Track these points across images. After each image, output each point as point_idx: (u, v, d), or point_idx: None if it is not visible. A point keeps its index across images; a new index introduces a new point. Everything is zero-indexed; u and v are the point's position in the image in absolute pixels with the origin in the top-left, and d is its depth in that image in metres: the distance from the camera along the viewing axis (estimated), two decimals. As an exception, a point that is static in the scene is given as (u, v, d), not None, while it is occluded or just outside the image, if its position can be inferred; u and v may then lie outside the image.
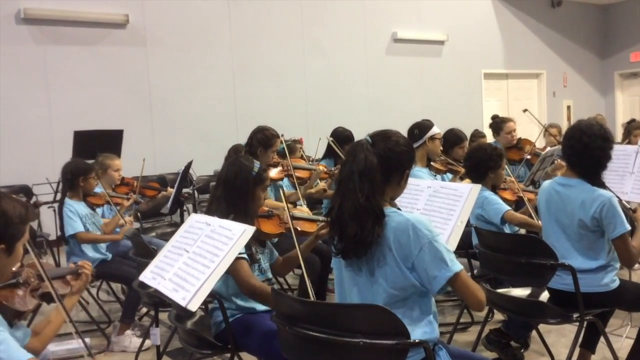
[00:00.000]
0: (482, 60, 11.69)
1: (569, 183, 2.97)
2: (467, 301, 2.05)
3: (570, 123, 11.58)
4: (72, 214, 4.09)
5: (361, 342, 1.84)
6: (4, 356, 1.67)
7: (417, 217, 2.02)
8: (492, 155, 3.74)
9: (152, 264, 2.51)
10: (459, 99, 11.14)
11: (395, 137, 2.13)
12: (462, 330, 3.94)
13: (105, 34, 7.95)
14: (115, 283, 4.80)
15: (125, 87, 8.06)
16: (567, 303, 2.87)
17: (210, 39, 8.70)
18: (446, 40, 11.11)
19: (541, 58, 12.63)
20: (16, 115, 7.35)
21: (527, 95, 12.76)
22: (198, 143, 8.24)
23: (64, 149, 6.11)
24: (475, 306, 2.06)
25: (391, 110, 9.91)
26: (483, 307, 2.06)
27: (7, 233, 1.78)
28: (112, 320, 4.45)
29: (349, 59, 10.00)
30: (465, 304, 2.92)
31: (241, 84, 8.93)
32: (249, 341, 2.62)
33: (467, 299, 2.03)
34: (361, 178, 2.00)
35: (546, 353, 3.43)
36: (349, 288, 2.10)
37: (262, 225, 2.94)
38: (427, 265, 1.95)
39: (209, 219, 2.50)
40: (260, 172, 2.80)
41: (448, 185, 2.88)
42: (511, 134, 5.43)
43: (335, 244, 2.07)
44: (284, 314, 2.05)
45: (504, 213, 3.64)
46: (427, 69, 10.91)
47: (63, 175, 4.25)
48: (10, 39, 7.31)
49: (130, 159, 5.90)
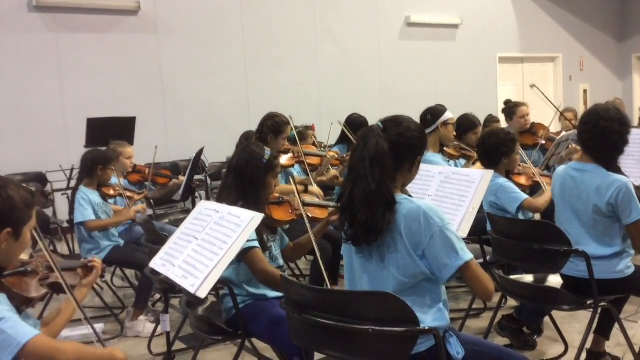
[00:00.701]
0: (497, 44, 11.53)
1: (584, 168, 2.92)
2: (476, 291, 2.05)
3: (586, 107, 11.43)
4: (84, 202, 4.11)
5: (370, 329, 1.82)
6: (12, 332, 1.70)
7: (428, 204, 2.00)
8: (505, 140, 3.66)
9: (162, 251, 2.52)
10: (473, 83, 11.02)
11: (407, 122, 2.10)
12: (475, 317, 3.92)
13: (117, 21, 7.96)
14: (129, 269, 4.84)
15: (137, 74, 8.06)
16: (581, 289, 2.84)
17: (222, 26, 8.66)
18: (460, 24, 10.97)
19: (557, 41, 12.44)
20: (30, 103, 7.39)
21: (543, 79, 12.58)
22: (210, 130, 8.24)
23: (78, 137, 6.15)
24: (484, 296, 2.06)
25: (404, 96, 9.82)
26: (491, 297, 2.06)
27: (13, 217, 1.81)
28: (125, 306, 4.49)
29: (362, 44, 9.92)
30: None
31: (253, 70, 8.90)
32: (259, 327, 2.62)
33: (475, 289, 2.02)
34: (372, 164, 1.98)
35: (559, 339, 3.40)
36: (359, 275, 2.09)
37: (273, 212, 2.93)
38: (437, 254, 1.93)
39: (218, 206, 2.50)
40: (271, 159, 2.80)
41: (460, 171, 2.85)
42: (524, 119, 5.35)
43: (345, 231, 2.06)
44: (293, 301, 2.05)
45: (523, 202, 3.52)
46: (441, 54, 10.79)
47: (83, 162, 4.27)
48: (23, 27, 7.34)
49: (143, 146, 5.91)
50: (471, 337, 2.17)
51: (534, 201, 3.60)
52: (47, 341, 1.79)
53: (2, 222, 1.79)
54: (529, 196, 3.73)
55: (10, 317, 1.73)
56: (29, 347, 1.71)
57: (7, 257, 1.87)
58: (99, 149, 4.53)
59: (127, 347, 3.87)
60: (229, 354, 3.49)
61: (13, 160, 6.95)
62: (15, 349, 1.69)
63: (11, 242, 1.82)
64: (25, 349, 1.70)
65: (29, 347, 1.71)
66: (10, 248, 1.83)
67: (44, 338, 1.79)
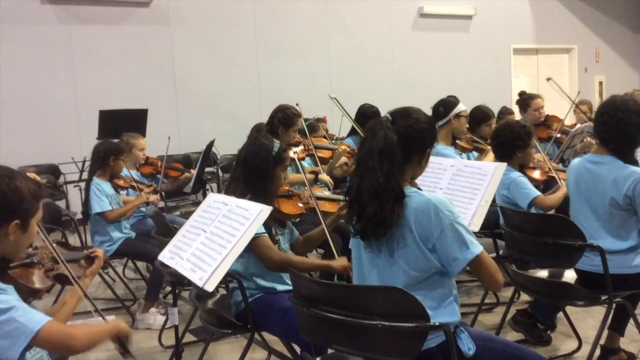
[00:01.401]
0: (511, 35, 11.41)
1: (600, 160, 2.87)
2: (486, 282, 2.03)
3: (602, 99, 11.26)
4: (100, 193, 4.13)
5: (379, 324, 1.80)
6: (24, 320, 1.69)
7: (438, 197, 1.97)
8: (520, 133, 3.57)
9: (170, 244, 2.51)
10: (487, 75, 10.91)
11: (416, 114, 2.06)
12: (487, 311, 3.89)
13: (129, 13, 7.96)
14: (140, 261, 4.85)
15: (149, 66, 8.07)
16: (596, 284, 2.79)
17: (233, 18, 8.64)
18: (474, 15, 10.85)
19: (572, 32, 12.28)
20: (43, 96, 7.43)
21: (558, 70, 12.44)
22: (222, 122, 8.23)
23: (90, 129, 6.16)
24: (493, 287, 2.06)
25: (417, 88, 9.74)
26: (500, 288, 2.05)
27: (21, 209, 1.80)
28: (137, 298, 4.50)
29: (374, 36, 9.85)
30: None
31: (265, 62, 8.87)
32: (268, 321, 2.61)
33: (485, 281, 2.01)
34: (381, 157, 1.94)
35: (573, 335, 3.36)
36: (368, 269, 2.06)
37: (282, 206, 2.91)
38: (448, 247, 1.91)
39: (227, 198, 2.48)
40: (280, 152, 2.76)
41: (472, 164, 2.81)
42: (538, 111, 5.28)
43: (354, 225, 2.03)
44: (301, 295, 2.03)
45: (534, 199, 3.45)
46: (455, 45, 10.69)
47: (95, 153, 4.28)
48: (35, 19, 7.36)
49: (155, 139, 5.92)
50: (482, 333, 2.14)
51: (545, 199, 3.50)
52: (59, 327, 1.79)
53: (10, 214, 1.78)
54: (542, 191, 3.66)
55: (21, 305, 1.72)
56: (42, 334, 1.70)
57: (14, 249, 1.87)
58: (110, 141, 4.54)
59: (138, 339, 3.87)
60: (239, 347, 3.49)
61: (26, 152, 6.99)
62: (29, 336, 1.68)
63: (19, 234, 1.82)
64: (38, 336, 1.70)
65: (41, 334, 1.70)
66: (17, 240, 1.83)
67: (55, 324, 1.79)
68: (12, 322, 1.67)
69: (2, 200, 1.76)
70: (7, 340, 1.67)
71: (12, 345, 1.67)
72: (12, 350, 1.67)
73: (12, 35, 7.23)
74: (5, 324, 1.67)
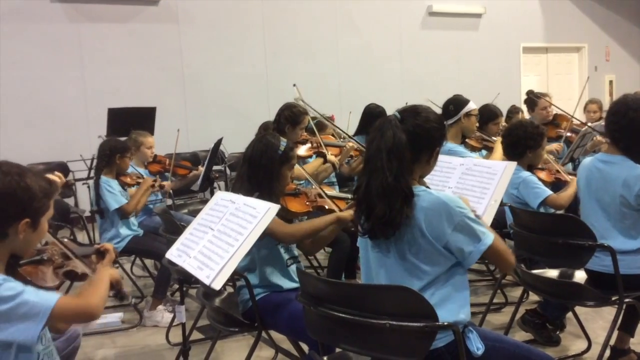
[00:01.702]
0: (521, 34, 11.34)
1: (611, 160, 2.85)
2: (500, 266, 2.18)
3: (612, 98, 11.21)
4: (112, 189, 4.14)
5: (387, 323, 1.78)
6: (36, 299, 1.69)
7: (447, 195, 1.96)
8: (532, 133, 3.54)
9: (178, 242, 2.50)
10: (496, 74, 10.85)
11: (425, 112, 2.04)
12: (496, 311, 3.86)
13: (137, 11, 7.97)
14: (148, 259, 4.86)
15: (158, 64, 8.08)
16: (606, 285, 2.77)
17: (242, 16, 8.64)
18: (484, 13, 10.80)
19: (583, 31, 12.20)
20: (52, 93, 7.46)
21: (567, 69, 12.38)
22: (230, 120, 8.24)
23: (99, 126, 6.16)
24: (508, 268, 2.20)
25: (426, 87, 9.67)
26: (513, 267, 2.19)
27: (31, 207, 1.79)
28: (144, 295, 4.51)
29: (383, 34, 9.82)
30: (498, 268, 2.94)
31: (273, 61, 8.86)
32: (276, 319, 2.60)
33: (499, 265, 2.16)
34: (389, 156, 1.93)
35: (583, 335, 3.33)
36: (375, 269, 2.04)
37: (289, 204, 2.89)
38: (461, 243, 1.90)
39: (234, 196, 2.47)
40: (286, 150, 2.74)
41: (482, 163, 2.78)
42: (546, 110, 5.24)
43: (362, 224, 2.01)
44: (309, 294, 2.02)
45: (546, 198, 3.41)
46: (464, 44, 10.64)
47: (101, 151, 4.29)
48: (44, 17, 7.39)
49: (163, 136, 5.92)
50: (491, 333, 2.12)
51: (557, 197, 3.46)
52: (71, 299, 1.80)
53: (20, 212, 1.78)
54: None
55: (29, 288, 1.73)
56: (58, 308, 1.71)
57: (24, 247, 1.87)
58: (116, 138, 4.54)
59: (145, 336, 3.89)
60: (246, 345, 3.48)
61: (35, 150, 7.02)
62: (46, 313, 1.68)
63: (29, 232, 1.81)
64: (55, 311, 1.70)
65: (57, 309, 1.71)
66: (27, 238, 1.82)
67: (68, 297, 1.80)
68: (25, 304, 1.68)
69: (12, 198, 1.75)
70: (25, 322, 1.67)
71: (31, 326, 1.67)
72: (32, 330, 1.67)
73: (22, 33, 7.26)
74: (19, 307, 1.67)
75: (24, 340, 1.69)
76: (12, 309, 1.66)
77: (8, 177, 1.76)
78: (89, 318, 1.84)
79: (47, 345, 1.90)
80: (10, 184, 1.75)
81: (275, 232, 2.56)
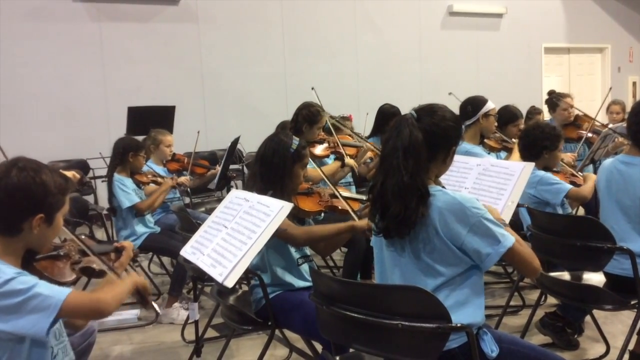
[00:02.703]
0: (542, 34, 11.21)
1: (632, 161, 2.81)
2: (523, 271, 2.04)
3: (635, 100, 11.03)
4: (125, 187, 4.18)
5: (400, 324, 1.77)
6: (48, 292, 1.71)
7: (463, 195, 1.94)
8: (549, 135, 3.51)
9: (192, 239, 2.51)
10: (517, 75, 10.74)
11: (442, 111, 2.02)
12: (513, 314, 3.82)
13: (158, 11, 8.03)
14: (164, 256, 4.89)
15: (177, 63, 8.14)
16: (625, 288, 2.72)
17: (261, 16, 8.66)
18: (505, 13, 10.70)
19: (606, 31, 12.02)
20: (73, 92, 7.54)
21: (590, 70, 12.21)
22: (249, 119, 8.26)
23: (120, 125, 6.23)
24: (531, 274, 2.05)
25: (445, 87, 9.51)
26: (538, 273, 2.02)
27: (46, 202, 1.81)
28: (161, 292, 4.54)
29: (402, 34, 9.77)
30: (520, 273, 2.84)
31: (292, 60, 8.87)
32: (289, 318, 2.60)
33: (522, 270, 2.02)
34: (405, 155, 1.91)
35: (601, 339, 3.28)
36: (390, 269, 2.03)
37: (301, 203, 2.88)
38: (478, 245, 1.87)
39: (248, 195, 2.48)
40: (299, 149, 2.72)
41: (499, 163, 2.76)
42: (568, 111, 5.17)
43: (376, 223, 2.00)
44: (321, 293, 2.01)
45: (568, 192, 3.37)
46: (484, 44, 10.55)
47: (114, 149, 4.33)
48: (66, 16, 7.48)
49: (182, 135, 5.96)
50: (506, 335, 2.09)
51: (580, 189, 3.43)
52: (83, 294, 1.82)
53: (35, 208, 1.80)
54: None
55: (42, 282, 1.75)
56: (69, 302, 1.72)
57: (40, 242, 1.89)
58: (130, 137, 4.58)
59: (160, 333, 3.91)
60: (261, 344, 3.47)
61: (56, 147, 7.10)
62: (57, 306, 1.70)
63: (43, 227, 1.83)
64: (66, 305, 1.71)
65: (68, 302, 1.72)
66: (42, 233, 1.84)
67: (79, 292, 1.82)
68: (36, 296, 1.70)
69: (27, 194, 1.78)
70: (36, 314, 1.69)
71: (41, 319, 1.69)
72: (42, 323, 1.69)
73: (44, 32, 7.35)
74: (31, 300, 1.69)
75: (34, 333, 1.71)
76: (23, 302, 1.68)
77: (24, 173, 1.78)
78: (99, 315, 1.85)
79: (62, 341, 1.91)
80: (26, 180, 1.77)
81: (286, 235, 2.55)
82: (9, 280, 1.69)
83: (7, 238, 1.81)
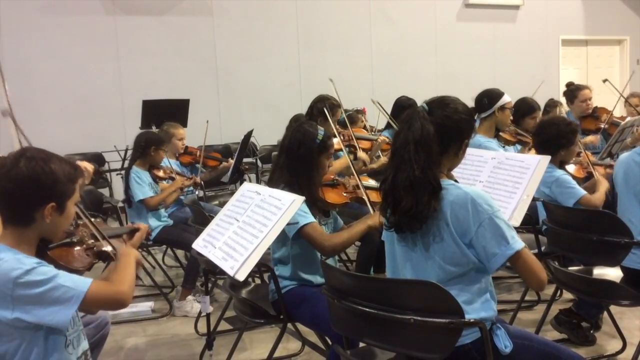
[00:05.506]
0: (560, 26, 11.06)
1: (650, 154, 2.75)
2: (528, 281, 1.94)
3: (655, 93, 10.84)
4: (140, 180, 4.20)
5: (412, 319, 1.75)
6: (70, 284, 1.73)
7: (476, 190, 1.90)
8: (565, 132, 3.41)
9: (204, 232, 2.51)
10: (534, 67, 10.60)
11: (454, 104, 1.99)
12: (528, 309, 3.78)
13: (173, 4, 8.05)
14: (178, 249, 4.90)
15: (192, 56, 8.16)
16: (643, 284, 2.68)
17: (275, 9, 8.65)
18: (522, 5, 10.57)
19: (624, 23, 11.83)
20: (89, 85, 7.60)
21: (608, 63, 12.03)
22: (262, 112, 8.27)
23: (134, 118, 6.26)
24: (536, 286, 1.96)
25: (461, 80, 9.54)
26: (544, 287, 1.96)
27: (56, 191, 1.82)
28: (175, 285, 4.55)
29: (417, 26, 9.70)
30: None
31: (306, 53, 8.85)
32: (302, 312, 2.59)
33: (527, 279, 1.92)
34: (417, 148, 1.88)
35: (617, 335, 3.23)
36: (401, 263, 2.00)
37: (327, 194, 2.85)
38: (486, 242, 1.83)
39: (260, 188, 2.47)
40: (324, 139, 2.69)
41: (514, 157, 2.73)
42: (586, 102, 5.09)
43: (388, 217, 1.98)
44: (333, 287, 1.99)
45: (580, 199, 3.29)
46: (501, 36, 10.43)
47: (137, 142, 4.35)
48: (82, 10, 7.53)
49: (196, 128, 5.97)
50: (520, 331, 2.06)
51: (591, 198, 3.34)
52: (105, 285, 1.83)
53: (46, 197, 1.81)
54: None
55: (62, 273, 1.77)
56: (91, 293, 1.75)
57: (53, 231, 1.90)
58: (152, 131, 4.60)
59: (174, 326, 3.93)
60: (273, 337, 3.47)
61: (72, 140, 7.17)
62: (79, 297, 1.72)
63: (55, 216, 1.84)
64: (88, 295, 1.74)
65: (91, 293, 1.75)
66: (54, 222, 1.85)
67: (101, 282, 1.83)
68: (58, 288, 1.72)
69: (37, 183, 1.78)
70: (58, 305, 1.71)
71: (63, 309, 1.71)
72: (64, 314, 1.71)
73: (60, 25, 7.40)
74: (53, 291, 1.71)
75: (57, 324, 1.73)
76: (44, 293, 1.70)
77: (32, 162, 1.79)
78: (120, 306, 1.88)
79: (76, 329, 1.93)
80: (35, 169, 1.78)
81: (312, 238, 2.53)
82: (29, 270, 1.71)
83: (21, 228, 1.82)
